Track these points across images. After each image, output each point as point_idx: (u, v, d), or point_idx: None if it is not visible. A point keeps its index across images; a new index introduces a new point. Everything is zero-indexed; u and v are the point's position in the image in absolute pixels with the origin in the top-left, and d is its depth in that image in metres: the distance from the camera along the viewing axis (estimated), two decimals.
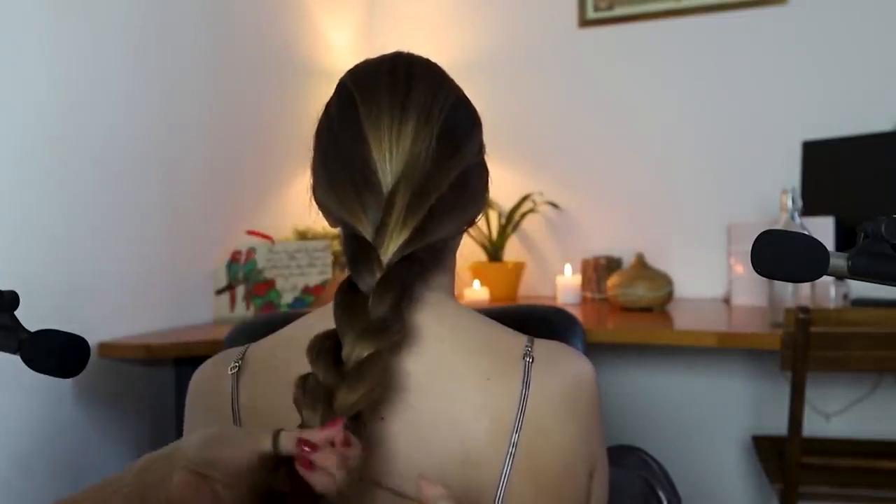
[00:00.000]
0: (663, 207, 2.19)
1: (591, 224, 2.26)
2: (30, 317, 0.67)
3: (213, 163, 1.80)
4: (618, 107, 2.24)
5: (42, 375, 0.65)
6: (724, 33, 2.12)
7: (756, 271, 0.56)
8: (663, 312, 1.83)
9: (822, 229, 1.73)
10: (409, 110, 0.61)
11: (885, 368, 1.56)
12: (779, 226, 1.51)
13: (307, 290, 1.83)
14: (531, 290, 2.29)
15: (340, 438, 0.49)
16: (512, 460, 0.58)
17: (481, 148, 0.67)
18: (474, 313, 0.66)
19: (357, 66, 0.67)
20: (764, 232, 0.56)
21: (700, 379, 2.10)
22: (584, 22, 2.26)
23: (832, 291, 1.67)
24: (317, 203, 0.66)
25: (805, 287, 1.58)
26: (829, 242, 1.73)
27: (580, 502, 0.63)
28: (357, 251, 0.57)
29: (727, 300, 2.02)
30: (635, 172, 2.21)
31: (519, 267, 2.15)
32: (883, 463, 1.47)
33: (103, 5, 1.48)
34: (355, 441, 0.50)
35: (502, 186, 2.04)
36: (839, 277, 0.90)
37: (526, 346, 0.63)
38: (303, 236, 1.96)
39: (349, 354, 0.53)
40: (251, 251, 1.80)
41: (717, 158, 2.13)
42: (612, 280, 1.89)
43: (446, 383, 0.59)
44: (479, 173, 0.67)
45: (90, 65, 1.45)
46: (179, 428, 1.68)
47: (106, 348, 1.44)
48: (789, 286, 1.53)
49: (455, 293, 0.70)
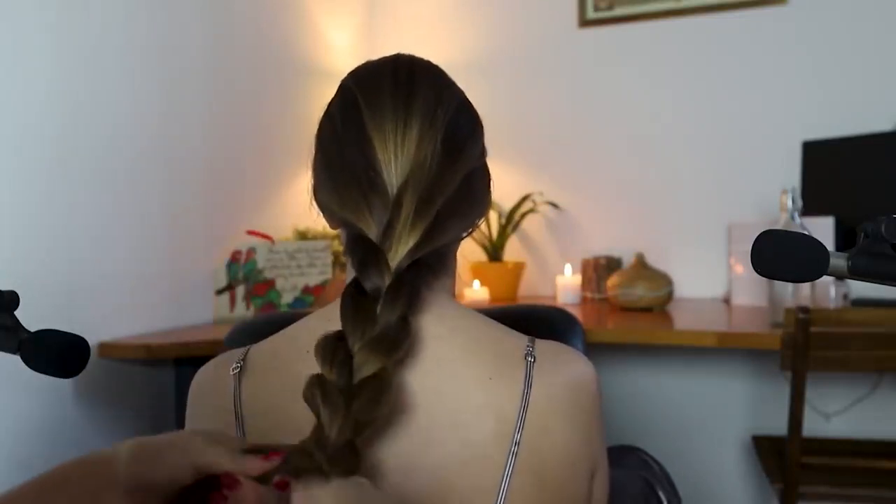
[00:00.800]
0: (663, 207, 2.19)
1: (591, 224, 2.26)
2: (30, 317, 0.67)
3: (214, 163, 1.80)
4: (618, 107, 2.24)
5: (42, 375, 0.65)
6: (724, 33, 2.12)
7: (756, 271, 0.56)
8: (663, 312, 1.83)
9: (822, 229, 1.73)
10: (414, 113, 0.60)
11: (885, 368, 1.56)
12: (779, 226, 1.51)
13: (307, 290, 1.83)
14: (531, 290, 2.29)
15: (278, 479, 0.48)
16: (514, 460, 0.58)
17: (483, 151, 0.67)
18: (475, 314, 0.66)
19: (359, 68, 0.67)
20: (764, 232, 0.56)
21: (700, 379, 2.10)
22: (584, 22, 2.26)
23: (832, 291, 1.67)
24: (318, 204, 0.65)
25: (805, 287, 1.58)
26: (829, 242, 1.72)
27: (581, 502, 0.63)
28: (365, 253, 0.57)
29: (727, 300, 2.02)
30: (635, 172, 2.21)
31: (519, 267, 2.15)
32: (883, 463, 1.47)
33: (104, 6, 1.48)
34: (292, 484, 0.48)
35: (502, 186, 2.03)
36: (839, 277, 0.90)
37: (527, 346, 0.63)
38: (303, 236, 1.96)
39: (359, 365, 0.52)
40: (251, 251, 1.80)
41: (717, 158, 2.13)
42: (612, 280, 1.89)
43: (447, 383, 0.59)
44: (482, 176, 0.67)
45: (91, 65, 1.45)
46: (179, 428, 1.67)
47: (106, 348, 1.44)
48: (789, 286, 1.53)
49: (455, 293, 0.70)
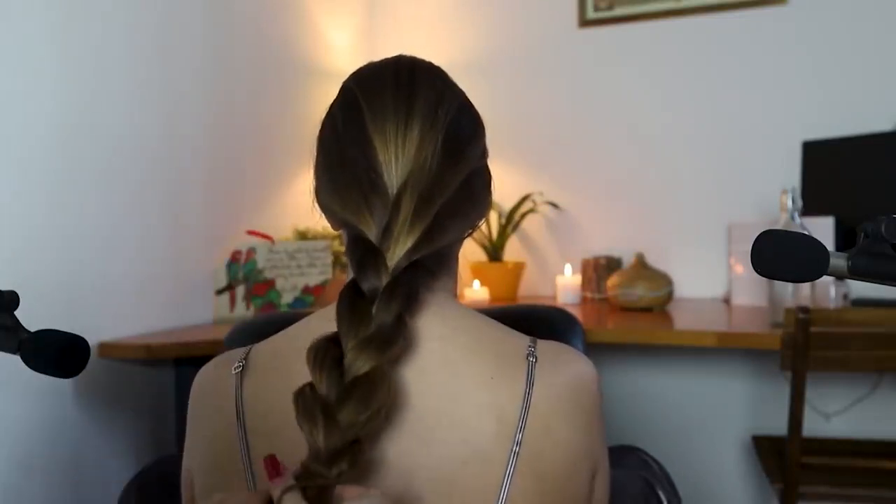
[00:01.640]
0: (663, 207, 2.19)
1: (591, 224, 2.26)
2: (30, 317, 0.67)
3: (214, 163, 1.80)
4: (618, 107, 2.24)
5: (42, 375, 0.64)
6: (724, 33, 2.12)
7: (756, 271, 0.56)
8: (663, 312, 1.83)
9: (822, 229, 1.73)
10: (415, 115, 0.60)
11: (885, 368, 1.55)
12: (779, 226, 1.51)
13: (307, 290, 1.83)
14: (531, 290, 2.29)
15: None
16: (516, 460, 0.58)
17: (484, 152, 0.68)
18: (476, 314, 0.66)
19: (360, 70, 0.67)
20: (764, 232, 0.56)
21: (700, 379, 2.10)
22: (584, 22, 2.26)
23: (832, 291, 1.67)
24: (319, 205, 0.66)
25: (805, 287, 1.58)
26: (829, 242, 1.72)
27: (582, 502, 0.63)
28: (364, 254, 0.56)
29: (727, 300, 2.02)
30: (635, 172, 2.21)
31: (519, 267, 2.15)
32: (883, 463, 1.47)
33: (106, 9, 1.48)
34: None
35: (502, 186, 2.02)
36: (839, 277, 0.90)
37: (529, 347, 0.63)
38: (303, 236, 1.96)
39: (350, 364, 0.52)
40: (251, 251, 1.80)
41: (717, 158, 2.13)
42: (612, 280, 1.89)
43: (448, 382, 0.59)
44: (483, 177, 0.67)
45: (92, 67, 1.45)
46: (179, 428, 1.68)
47: (106, 348, 1.44)
48: (789, 286, 1.53)
49: (457, 294, 0.70)
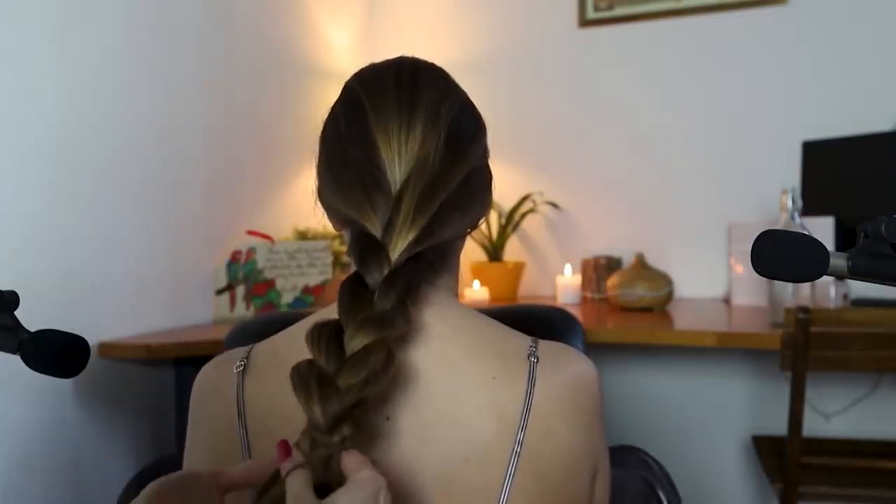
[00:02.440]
0: (663, 207, 2.19)
1: (591, 224, 2.26)
2: (30, 317, 0.67)
3: (214, 163, 1.80)
4: (618, 107, 2.24)
5: (42, 375, 0.64)
6: (724, 33, 2.12)
7: (756, 271, 0.56)
8: (663, 312, 1.83)
9: (822, 229, 1.73)
10: (417, 114, 0.61)
11: (885, 368, 1.55)
12: (779, 226, 1.51)
13: (307, 290, 1.83)
14: (531, 290, 2.29)
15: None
16: (517, 459, 0.58)
17: (485, 151, 0.68)
18: (478, 314, 0.66)
19: (363, 70, 0.68)
20: (764, 232, 0.56)
21: (700, 379, 2.10)
22: (584, 22, 2.26)
23: (832, 291, 1.67)
24: (323, 204, 0.66)
25: (805, 287, 1.58)
26: (829, 242, 1.72)
27: (583, 502, 0.63)
28: (366, 248, 0.57)
29: (727, 300, 2.02)
30: (635, 172, 2.21)
31: (519, 267, 2.15)
32: (883, 463, 1.47)
33: (106, 9, 1.48)
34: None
35: (502, 186, 2.02)
36: (839, 277, 0.90)
37: (530, 347, 0.64)
38: (303, 236, 1.96)
39: (349, 341, 0.53)
40: (251, 251, 1.80)
41: (717, 158, 2.13)
42: (612, 280, 1.89)
43: (450, 382, 0.60)
44: (484, 176, 0.67)
45: (92, 67, 1.45)
46: (179, 428, 1.68)
47: (106, 348, 1.44)
48: (789, 286, 1.53)
49: (458, 294, 0.70)
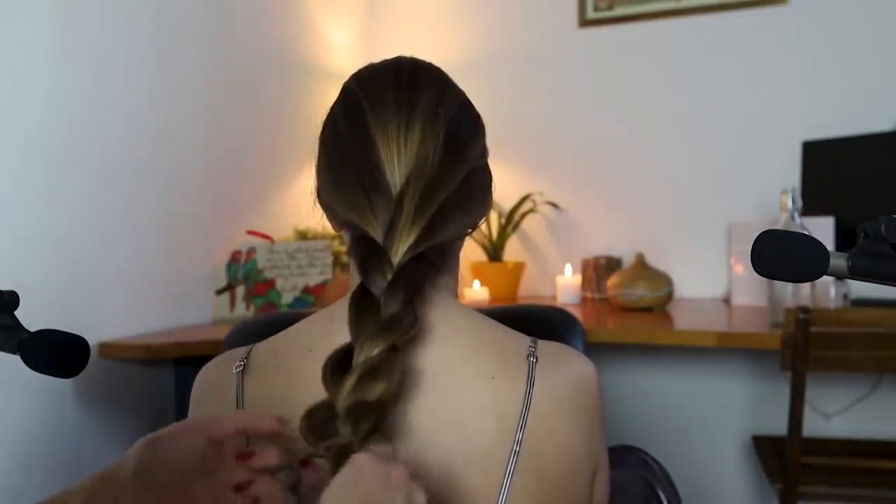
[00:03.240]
0: (663, 207, 2.19)
1: (591, 224, 2.26)
2: (30, 317, 0.67)
3: (214, 163, 1.80)
4: (618, 107, 2.24)
5: (42, 375, 0.65)
6: (724, 33, 2.12)
7: (756, 271, 0.56)
8: (663, 312, 1.83)
9: (822, 229, 1.73)
10: (416, 114, 0.61)
11: (885, 368, 1.56)
12: (779, 226, 1.51)
13: (307, 290, 1.83)
14: (531, 290, 2.29)
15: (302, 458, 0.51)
16: (516, 459, 0.58)
17: (485, 151, 0.68)
18: (478, 314, 0.66)
19: (361, 71, 0.67)
20: (764, 232, 0.56)
21: (700, 379, 2.10)
22: (584, 22, 2.26)
23: (832, 291, 1.67)
24: (322, 205, 0.66)
25: (805, 287, 1.58)
26: (829, 242, 1.72)
27: (582, 502, 0.63)
28: (368, 255, 0.57)
29: (727, 300, 2.02)
30: (635, 172, 2.21)
31: (519, 267, 2.15)
32: (883, 463, 1.47)
33: (105, 8, 1.48)
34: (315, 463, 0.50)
35: (502, 186, 2.02)
36: (839, 277, 0.90)
37: (530, 347, 0.64)
38: (303, 236, 1.96)
39: (359, 355, 0.53)
40: (251, 251, 1.80)
41: (717, 158, 2.13)
42: (612, 280, 1.89)
43: (450, 382, 0.60)
44: (483, 176, 0.67)
45: (90, 67, 1.45)
46: None
47: (106, 348, 1.44)
48: (789, 286, 1.53)
49: (458, 294, 0.70)
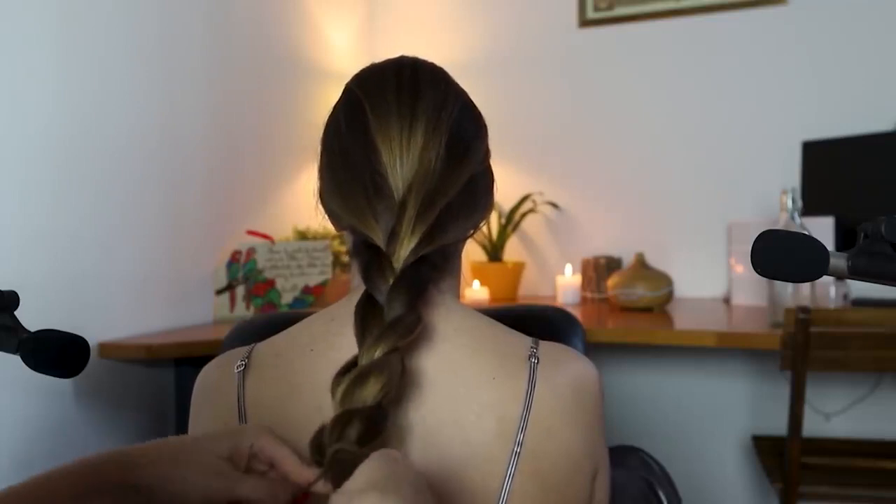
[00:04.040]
0: (663, 207, 2.19)
1: (591, 224, 2.26)
2: (30, 317, 0.67)
3: (214, 163, 1.80)
4: (618, 107, 2.24)
5: (42, 375, 0.65)
6: (724, 33, 2.12)
7: (756, 271, 0.56)
8: (663, 312, 1.83)
9: (822, 229, 1.73)
10: (418, 117, 0.61)
11: (885, 368, 1.56)
12: (779, 226, 1.51)
13: (307, 290, 1.83)
14: (531, 290, 2.29)
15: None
16: (517, 460, 0.58)
17: (487, 153, 0.68)
18: (479, 314, 0.66)
19: (363, 71, 0.67)
20: (764, 232, 0.56)
21: (700, 379, 2.10)
22: (584, 22, 2.26)
23: (832, 291, 1.67)
24: (324, 208, 0.66)
25: (805, 287, 1.58)
26: (829, 242, 1.72)
27: (583, 502, 0.63)
28: (370, 261, 0.57)
29: (727, 300, 2.02)
30: (635, 172, 2.21)
31: (519, 267, 2.15)
32: (883, 463, 1.47)
33: (107, 9, 1.48)
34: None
35: (502, 186, 2.01)
36: (839, 277, 0.90)
37: (531, 347, 0.64)
38: (303, 236, 1.96)
39: (361, 358, 0.53)
40: (251, 251, 1.80)
41: (717, 158, 2.13)
42: (612, 280, 1.89)
43: (451, 382, 0.59)
44: (486, 178, 0.67)
45: (93, 68, 1.45)
46: (180, 428, 1.67)
47: (106, 348, 1.44)
48: (789, 286, 1.53)
49: (459, 295, 0.70)
